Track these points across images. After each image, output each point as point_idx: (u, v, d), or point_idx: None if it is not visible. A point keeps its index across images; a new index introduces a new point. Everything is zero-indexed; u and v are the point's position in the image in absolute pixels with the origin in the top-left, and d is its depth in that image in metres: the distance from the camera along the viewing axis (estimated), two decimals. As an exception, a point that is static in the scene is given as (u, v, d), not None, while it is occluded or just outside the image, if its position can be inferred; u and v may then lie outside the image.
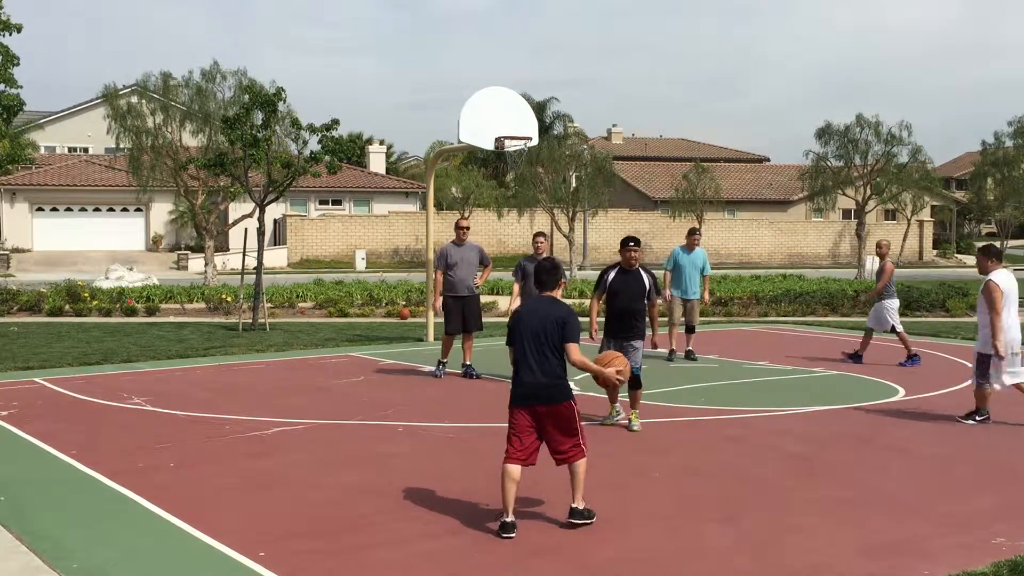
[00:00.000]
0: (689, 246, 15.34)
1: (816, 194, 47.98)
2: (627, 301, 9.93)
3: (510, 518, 6.54)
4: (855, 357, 14.71)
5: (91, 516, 7.10)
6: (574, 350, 6.66)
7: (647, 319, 10.15)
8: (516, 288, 12.47)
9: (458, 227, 13.70)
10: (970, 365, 14.10)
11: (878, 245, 15.07)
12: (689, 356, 15.08)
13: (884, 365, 14.36)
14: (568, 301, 25.76)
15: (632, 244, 9.94)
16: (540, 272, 7.04)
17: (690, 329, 15.35)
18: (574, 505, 6.76)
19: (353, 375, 13.50)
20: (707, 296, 15.95)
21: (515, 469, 6.61)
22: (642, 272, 10.00)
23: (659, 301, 10.67)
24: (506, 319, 7.74)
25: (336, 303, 22.92)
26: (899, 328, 14.67)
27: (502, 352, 16.06)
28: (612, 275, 10.08)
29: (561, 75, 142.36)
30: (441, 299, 13.26)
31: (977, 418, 10.30)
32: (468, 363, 13.42)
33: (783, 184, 63.56)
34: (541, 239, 12.44)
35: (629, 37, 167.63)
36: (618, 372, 7.50)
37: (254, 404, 11.25)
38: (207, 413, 10.74)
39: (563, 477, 6.78)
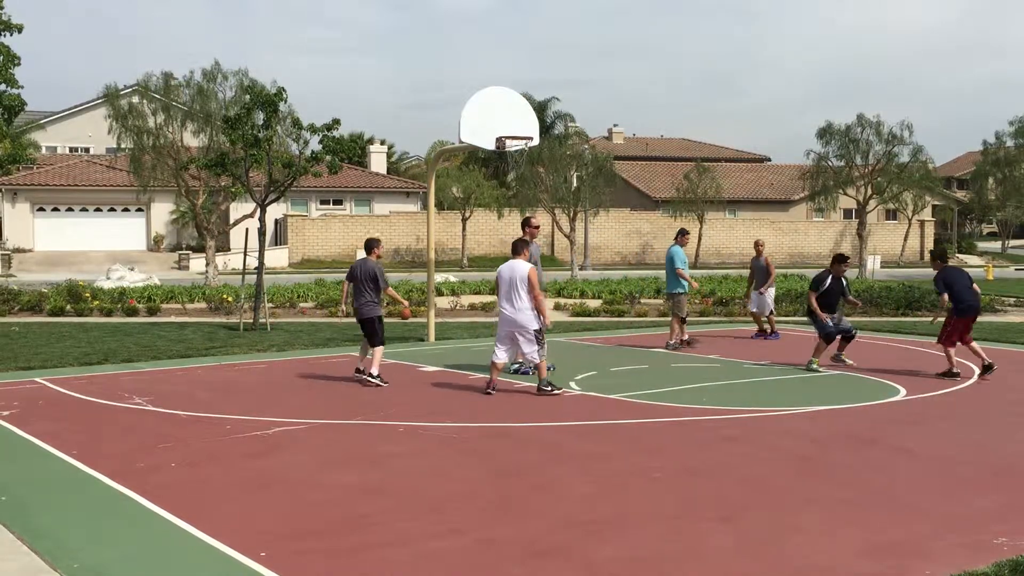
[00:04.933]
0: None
1: (817, 194, 47.98)
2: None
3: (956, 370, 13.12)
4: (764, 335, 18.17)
5: (91, 516, 7.10)
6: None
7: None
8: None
9: (532, 225, 13.39)
10: (971, 365, 14.16)
11: (756, 244, 19.04)
12: None
13: (884, 365, 14.36)
14: (570, 301, 25.48)
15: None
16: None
17: None
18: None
19: (354, 375, 13.48)
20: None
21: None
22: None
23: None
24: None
25: (337, 303, 22.92)
26: (773, 309, 18.68)
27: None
28: None
29: (561, 75, 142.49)
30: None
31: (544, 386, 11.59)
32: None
33: (784, 184, 63.57)
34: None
35: (629, 37, 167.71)
36: None
37: (255, 404, 11.26)
38: (208, 413, 10.74)
39: (563, 479, 6.77)
